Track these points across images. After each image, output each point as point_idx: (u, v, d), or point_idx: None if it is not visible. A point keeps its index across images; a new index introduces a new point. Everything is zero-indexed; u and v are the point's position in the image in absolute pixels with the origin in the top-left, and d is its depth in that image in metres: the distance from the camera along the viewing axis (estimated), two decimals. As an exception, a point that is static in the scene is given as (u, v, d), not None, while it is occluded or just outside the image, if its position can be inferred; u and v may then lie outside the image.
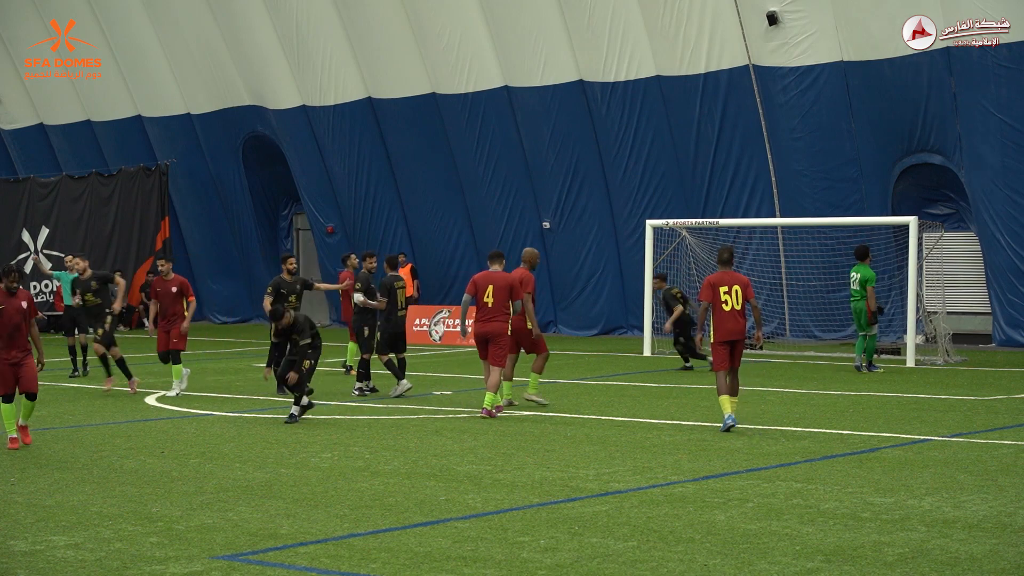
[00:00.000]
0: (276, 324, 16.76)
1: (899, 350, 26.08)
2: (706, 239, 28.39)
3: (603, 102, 31.06)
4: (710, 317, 15.62)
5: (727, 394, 15.37)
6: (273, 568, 8.85)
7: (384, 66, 33.67)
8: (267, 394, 19.57)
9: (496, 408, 16.90)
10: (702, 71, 29.71)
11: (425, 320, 31.19)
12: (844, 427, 15.67)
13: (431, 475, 12.38)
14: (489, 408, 16.84)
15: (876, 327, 23.03)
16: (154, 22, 36.97)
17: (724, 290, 15.53)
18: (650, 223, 27.90)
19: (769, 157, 29.60)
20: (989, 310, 28.53)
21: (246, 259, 38.49)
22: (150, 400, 19.00)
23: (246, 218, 38.29)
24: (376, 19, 33.20)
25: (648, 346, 26.84)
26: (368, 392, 19.56)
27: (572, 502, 11.03)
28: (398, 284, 19.58)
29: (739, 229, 29.33)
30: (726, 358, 15.45)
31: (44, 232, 38.21)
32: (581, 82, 31.32)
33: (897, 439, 14.66)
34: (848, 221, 27.32)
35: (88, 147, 39.93)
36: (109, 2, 37.40)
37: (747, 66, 29.22)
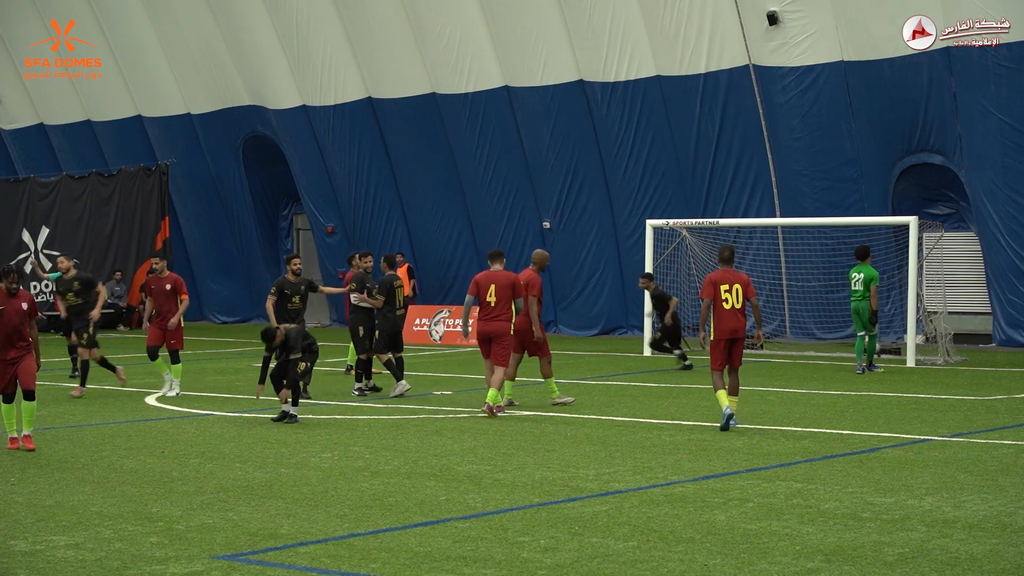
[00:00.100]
0: (269, 344, 16.48)
1: (899, 350, 26.08)
2: (706, 239, 28.39)
3: (603, 102, 31.04)
4: (711, 315, 15.67)
5: (724, 390, 15.45)
6: (273, 568, 8.85)
7: (384, 66, 33.66)
8: (267, 394, 19.52)
9: (497, 408, 16.91)
10: (702, 71, 29.69)
11: (425, 320, 31.18)
12: (844, 427, 15.67)
13: (431, 475, 12.39)
14: (492, 404, 16.85)
15: (877, 326, 23.05)
16: (154, 22, 36.94)
17: (725, 288, 15.58)
18: (650, 223, 27.90)
19: (769, 157, 29.59)
20: (989, 310, 28.52)
21: (246, 259, 38.46)
22: (150, 400, 19.00)
23: (246, 218, 38.26)
24: (376, 19, 33.18)
25: (648, 346, 26.83)
26: (369, 391, 19.57)
27: (572, 502, 11.03)
28: (396, 284, 19.63)
29: (739, 229, 29.32)
30: (725, 356, 15.52)
31: (44, 232, 38.18)
32: (581, 82, 31.30)
33: (897, 439, 14.67)
34: (848, 221, 27.32)
35: (88, 147, 39.91)
36: (109, 2, 37.38)
37: (747, 66, 29.20)
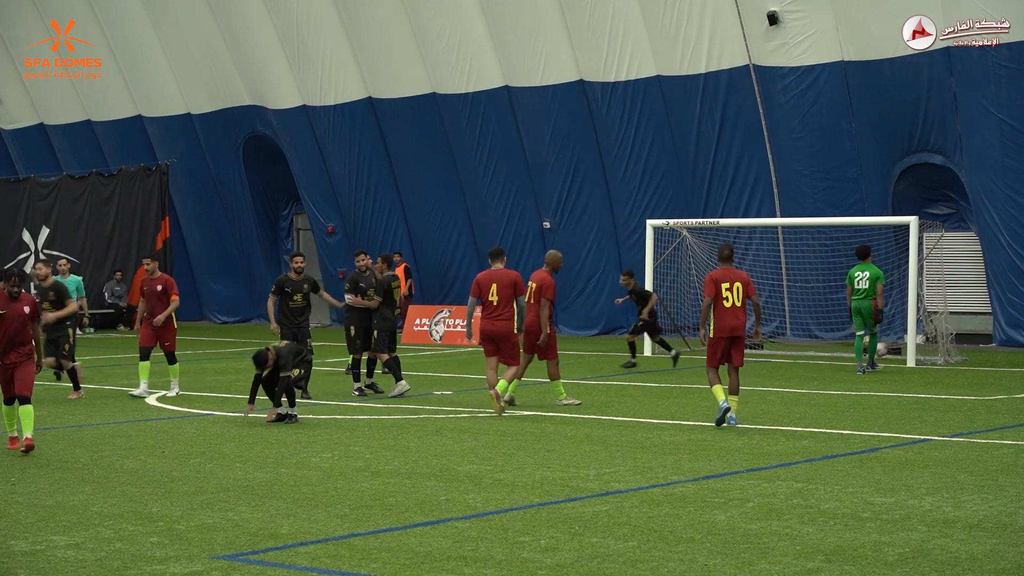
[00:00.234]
0: (261, 369, 16.09)
1: (899, 350, 26.08)
2: (706, 239, 28.39)
3: (603, 102, 31.04)
4: (711, 313, 15.71)
5: (719, 385, 15.51)
6: (273, 568, 8.85)
7: (384, 66, 33.66)
8: (267, 394, 19.52)
9: (499, 408, 16.88)
10: (702, 71, 29.70)
11: (425, 320, 31.18)
12: (844, 427, 15.67)
13: (431, 475, 12.38)
14: (500, 393, 16.82)
15: (878, 326, 23.06)
16: (154, 22, 36.96)
17: (726, 286, 15.62)
18: (650, 223, 27.90)
19: (769, 157, 29.59)
20: (990, 310, 28.51)
21: (246, 259, 38.47)
22: (150, 400, 18.99)
23: (246, 218, 38.26)
24: (376, 19, 33.19)
25: (648, 346, 26.82)
26: (369, 391, 19.55)
27: (572, 502, 11.03)
28: (394, 283, 19.62)
29: (739, 229, 29.32)
30: (722, 354, 15.57)
31: (44, 232, 38.20)
32: (581, 82, 31.30)
33: (897, 439, 14.66)
34: (848, 221, 27.31)
35: (88, 147, 39.92)
36: (109, 2, 37.39)
37: (747, 66, 29.21)
